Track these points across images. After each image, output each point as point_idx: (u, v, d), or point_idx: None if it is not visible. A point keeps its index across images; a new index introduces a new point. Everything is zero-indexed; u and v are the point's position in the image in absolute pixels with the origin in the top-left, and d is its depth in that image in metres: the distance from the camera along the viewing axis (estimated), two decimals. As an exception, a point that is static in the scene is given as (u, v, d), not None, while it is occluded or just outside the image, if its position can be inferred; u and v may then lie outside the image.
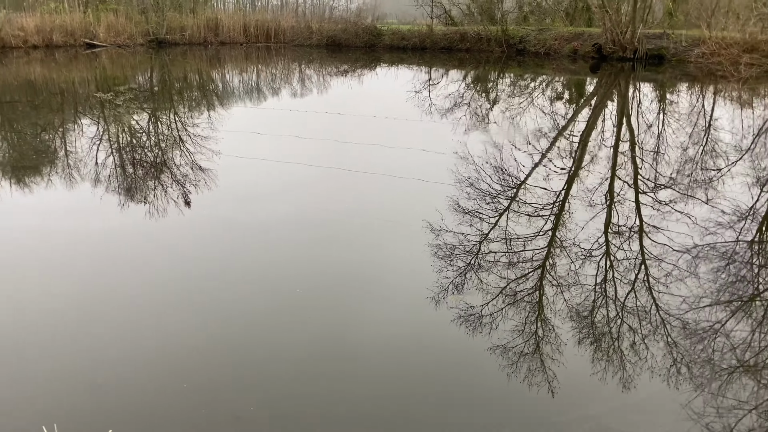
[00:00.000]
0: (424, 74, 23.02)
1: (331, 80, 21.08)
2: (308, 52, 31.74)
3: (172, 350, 4.02)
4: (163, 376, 3.73)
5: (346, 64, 26.28)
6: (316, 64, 26.90)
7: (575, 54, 27.13)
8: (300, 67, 25.70)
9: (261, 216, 6.65)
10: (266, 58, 29.26)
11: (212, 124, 12.06)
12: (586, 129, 11.88)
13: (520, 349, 4.07)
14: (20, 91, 16.39)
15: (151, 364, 3.84)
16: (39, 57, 25.20)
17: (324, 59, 28.57)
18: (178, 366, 3.84)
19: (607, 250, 5.68)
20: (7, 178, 8.11)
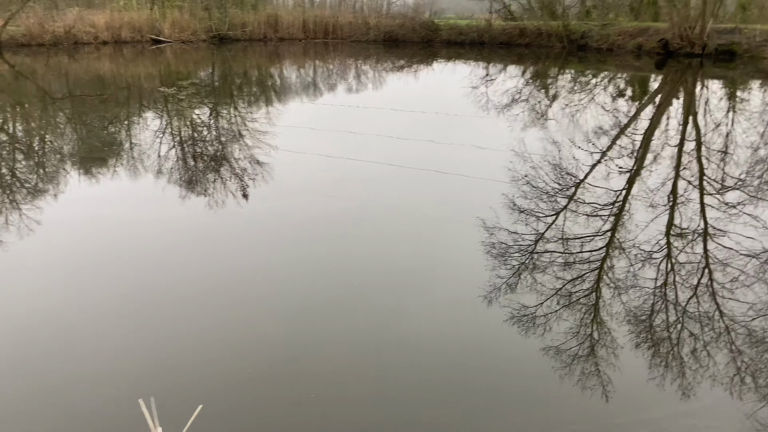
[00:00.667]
0: (482, 70, 22.76)
1: (387, 76, 21.12)
2: (365, 48, 31.90)
3: (234, 338, 4.12)
4: (233, 361, 3.83)
5: (403, 60, 26.27)
6: (372, 59, 27.00)
7: (640, 50, 26.27)
8: (356, 62, 25.85)
9: (316, 210, 6.73)
10: (324, 53, 29.56)
11: (270, 119, 12.30)
12: (649, 127, 11.49)
13: (574, 351, 3.98)
14: (90, 86, 17.12)
15: (218, 349, 3.96)
16: (108, 53, 26.26)
17: (381, 55, 28.65)
18: (243, 352, 3.93)
19: (668, 253, 5.49)
20: (76, 168, 8.49)
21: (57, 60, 23.27)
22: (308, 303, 4.63)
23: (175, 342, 4.07)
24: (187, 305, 4.56)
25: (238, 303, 4.60)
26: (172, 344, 4.04)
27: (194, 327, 4.25)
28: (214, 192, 7.32)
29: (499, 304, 4.56)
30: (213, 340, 4.10)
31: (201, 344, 4.04)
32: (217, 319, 4.36)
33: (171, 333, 4.18)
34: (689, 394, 3.56)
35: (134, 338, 4.10)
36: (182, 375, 3.69)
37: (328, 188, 7.56)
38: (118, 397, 3.45)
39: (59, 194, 7.30)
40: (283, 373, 3.75)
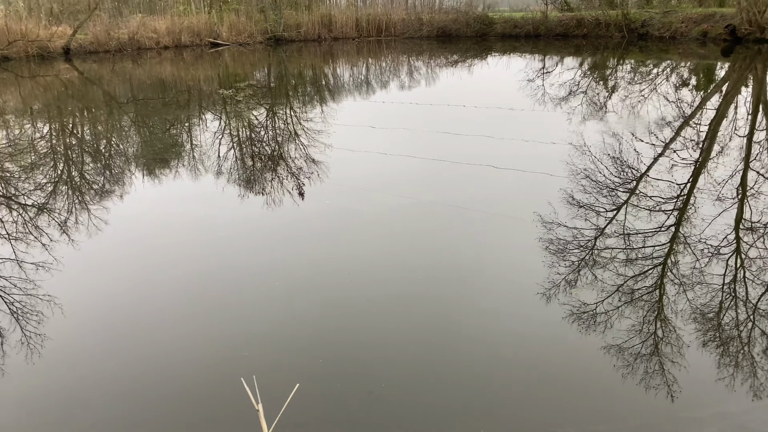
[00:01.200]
0: (538, 62, 22.33)
1: (440, 71, 21.01)
2: (418, 44, 31.82)
3: (303, 328, 4.20)
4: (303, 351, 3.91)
5: (456, 55, 26.07)
6: (425, 55, 26.92)
7: (704, 37, 25.21)
8: (409, 59, 25.82)
9: (373, 207, 6.77)
10: (377, 51, 29.66)
11: (325, 118, 12.44)
12: (715, 117, 11.01)
13: (637, 350, 3.87)
14: (152, 90, 17.75)
15: (288, 340, 4.05)
16: (169, 57, 27.14)
17: (434, 50, 28.52)
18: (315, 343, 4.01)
19: (737, 248, 5.25)
20: (140, 169, 8.83)
21: (122, 65, 24.23)
22: (370, 298, 4.67)
23: (259, 330, 4.17)
24: (262, 296, 4.67)
25: (305, 296, 4.68)
26: (257, 332, 4.14)
27: (268, 317, 4.36)
28: (272, 191, 7.46)
29: (558, 301, 4.48)
30: (286, 330, 4.19)
31: (282, 332, 4.13)
32: (285, 312, 4.45)
33: (251, 323, 4.29)
34: (761, 395, 3.40)
35: (222, 324, 4.23)
36: (277, 358, 3.80)
37: (384, 185, 7.59)
38: (221, 377, 3.67)
39: (125, 194, 7.60)
40: (352, 363, 3.80)
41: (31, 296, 4.83)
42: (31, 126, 12.68)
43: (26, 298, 4.81)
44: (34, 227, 6.42)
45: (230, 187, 7.74)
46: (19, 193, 7.72)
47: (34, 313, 4.57)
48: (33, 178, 8.39)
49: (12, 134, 11.79)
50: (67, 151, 10.36)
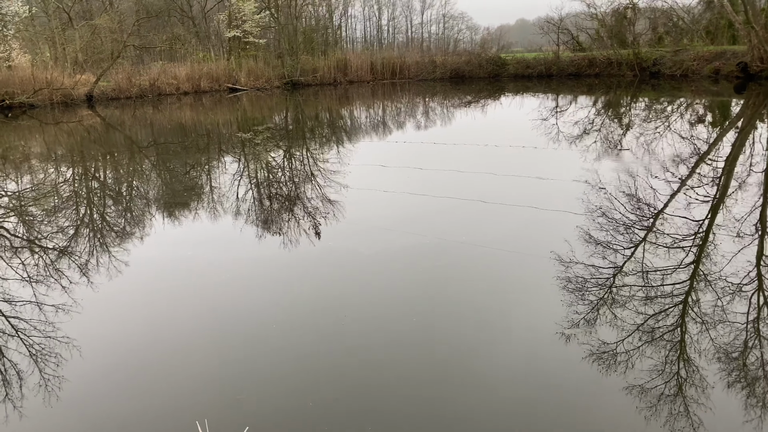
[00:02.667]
0: (551, 101, 22.51)
1: (454, 112, 21.25)
2: (432, 86, 32.30)
3: (301, 368, 4.18)
4: (290, 389, 3.88)
5: (470, 95, 26.38)
6: (439, 96, 27.27)
7: (717, 74, 25.32)
8: (424, 100, 26.16)
9: (388, 246, 6.78)
10: (391, 93, 30.12)
11: (341, 159, 12.59)
12: (731, 153, 10.97)
13: (660, 390, 3.79)
14: (173, 133, 18.13)
15: (281, 378, 4.02)
16: (189, 102, 27.79)
17: (447, 92, 28.90)
18: (304, 382, 3.98)
19: (759, 285, 5.17)
20: (160, 212, 8.96)
21: (143, 111, 24.83)
22: (376, 337, 4.64)
23: (247, 372, 4.16)
24: (265, 338, 4.67)
25: (316, 335, 4.66)
26: (244, 375, 4.13)
27: (272, 359, 4.34)
28: (288, 231, 7.52)
29: (578, 340, 4.42)
30: (291, 372, 4.16)
31: (265, 374, 4.11)
32: (295, 351, 4.43)
33: (245, 365, 4.28)
34: (791, 437, 3.30)
35: (206, 367, 4.23)
36: (234, 401, 3.77)
37: (400, 224, 7.62)
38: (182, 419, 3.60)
39: (145, 236, 7.70)
40: (357, 404, 3.76)
41: (50, 338, 4.87)
42: (55, 170, 12.97)
43: (45, 340, 4.85)
44: (54, 270, 6.50)
45: (248, 227, 7.82)
46: (41, 236, 7.86)
47: (53, 356, 4.59)
48: (55, 222, 8.55)
49: (35, 179, 12.07)
50: (88, 194, 10.56)
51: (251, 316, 5.15)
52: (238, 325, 5.00)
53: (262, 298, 5.54)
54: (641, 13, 30.74)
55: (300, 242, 7.01)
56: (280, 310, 5.26)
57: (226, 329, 4.93)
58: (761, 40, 22.95)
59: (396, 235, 7.19)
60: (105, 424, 3.73)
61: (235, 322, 5.06)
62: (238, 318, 5.13)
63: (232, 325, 4.99)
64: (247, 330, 4.90)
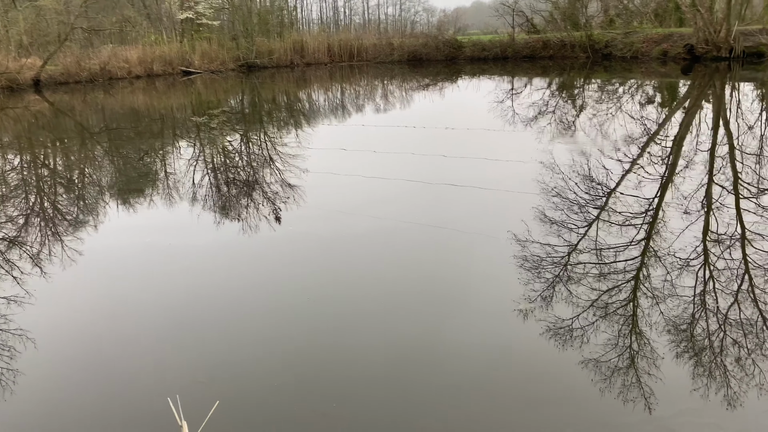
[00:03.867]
0: (507, 84, 22.76)
1: (412, 95, 21.28)
2: (390, 69, 32.22)
3: (266, 349, 4.19)
4: (255, 370, 3.89)
5: (428, 78, 26.44)
6: (398, 79, 27.25)
7: (665, 56, 26.01)
8: (382, 83, 26.10)
9: (348, 229, 6.81)
10: (350, 76, 29.94)
11: (300, 143, 12.50)
12: (679, 133, 11.33)
13: (613, 363, 3.94)
14: (125, 118, 17.66)
15: (246, 359, 4.03)
16: (141, 86, 27.05)
17: (406, 74, 28.89)
18: (269, 363, 3.99)
19: (706, 260, 5.40)
20: (114, 199, 8.76)
21: (93, 96, 24.06)
22: (341, 317, 4.68)
23: (203, 357, 4.14)
24: (219, 323, 4.65)
25: (271, 317, 4.67)
26: (207, 360, 4.12)
27: (225, 344, 4.33)
28: (248, 217, 7.46)
29: (535, 317, 4.55)
30: (243, 351, 4.17)
31: (231, 357, 4.11)
32: (254, 334, 4.43)
33: (207, 349, 4.26)
34: (735, 404, 3.48)
35: (170, 352, 4.19)
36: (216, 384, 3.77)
37: (358, 207, 7.64)
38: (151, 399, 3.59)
39: (99, 225, 7.53)
40: (312, 383, 3.80)
41: (2, 331, 4.74)
42: (1, 158, 12.50)
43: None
44: (4, 261, 6.31)
45: (206, 213, 7.72)
46: (-12, 226, 7.59)
47: (6, 349, 4.48)
48: (3, 211, 8.26)
49: (-20, 167, 11.61)
50: (38, 182, 10.23)
51: (214, 301, 5.12)
52: (202, 309, 4.96)
53: (224, 283, 5.50)
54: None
55: (260, 227, 6.97)
56: (243, 293, 5.24)
57: (190, 314, 4.89)
58: (706, 23, 23.65)
59: (357, 219, 7.21)
60: (61, 415, 3.68)
61: (198, 306, 5.02)
62: (201, 302, 5.09)
63: (196, 310, 4.95)
64: (211, 314, 4.87)
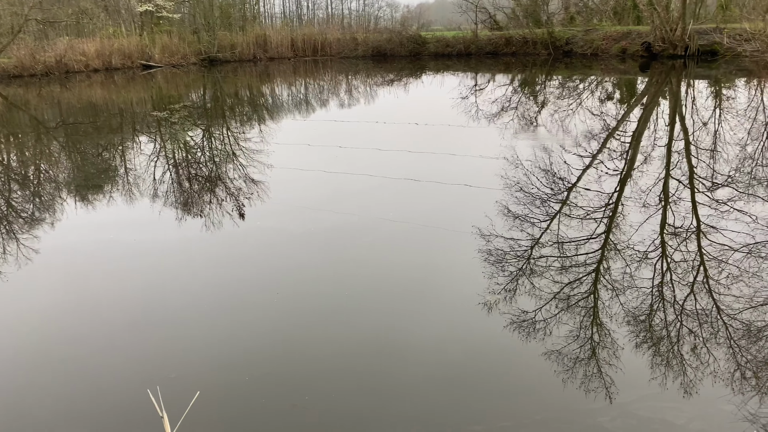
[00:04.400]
0: (470, 80, 22.95)
1: (377, 90, 21.27)
2: (354, 64, 32.13)
3: (237, 345, 4.15)
4: (224, 364, 3.86)
5: (392, 74, 26.46)
6: (362, 74, 27.20)
7: (624, 53, 26.58)
8: (347, 78, 26.02)
9: (312, 225, 6.78)
10: (314, 71, 29.76)
11: (263, 138, 12.38)
12: (637, 129, 11.62)
13: (575, 354, 4.03)
14: (83, 113, 17.19)
15: (217, 354, 3.98)
16: (99, 80, 26.37)
17: (370, 70, 28.85)
18: (238, 361, 3.96)
19: (663, 252, 5.56)
20: (72, 196, 8.53)
21: (49, 89, 23.37)
22: (309, 312, 4.68)
23: (176, 351, 4.09)
24: (189, 319, 4.59)
25: (241, 313, 4.64)
26: (174, 354, 4.06)
27: (197, 339, 4.28)
28: (210, 213, 7.36)
29: (499, 310, 4.61)
30: (214, 346, 4.12)
31: (202, 352, 4.06)
32: (219, 329, 4.39)
33: (173, 344, 4.20)
34: (691, 392, 3.60)
35: (139, 347, 4.12)
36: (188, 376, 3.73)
37: (324, 203, 7.62)
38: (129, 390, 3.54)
39: (56, 222, 7.33)
40: (283, 376, 3.80)
41: (-44, 333, 4.59)
42: (-50, 154, 12.05)
43: (-49, 334, 4.56)
44: (-44, 260, 6.10)
45: (167, 210, 7.59)
46: (-61, 224, 7.32)
47: (-39, 351, 4.34)
48: (-46, 209, 7.98)
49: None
50: (-10, 179, 9.89)
51: (183, 296, 5.04)
52: (172, 304, 4.88)
53: (192, 278, 5.42)
54: (554, -7, 31.74)
55: (223, 223, 6.89)
56: (212, 288, 5.18)
57: (160, 309, 4.80)
58: (663, 21, 24.25)
59: (323, 214, 7.19)
60: (14, 413, 3.58)
61: (168, 301, 4.94)
62: (170, 297, 5.01)
63: (166, 305, 4.87)
64: (181, 309, 4.80)
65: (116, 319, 4.76)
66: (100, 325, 4.68)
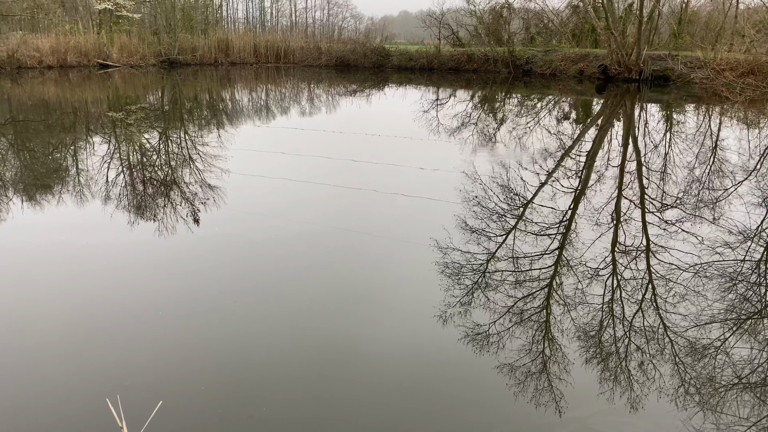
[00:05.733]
0: (432, 94, 23.19)
1: (339, 100, 21.28)
2: (317, 72, 32.08)
3: (192, 354, 4.05)
4: (177, 378, 3.75)
5: (355, 84, 26.53)
6: (325, 84, 27.17)
7: (581, 75, 27.30)
8: (309, 86, 25.95)
9: (269, 233, 6.70)
10: (276, 78, 29.57)
11: (222, 143, 12.21)
12: (592, 149, 11.93)
13: (527, 368, 4.07)
14: (34, 111, 16.64)
15: (165, 368, 3.87)
16: (53, 77, 25.60)
17: (333, 79, 28.86)
18: (192, 370, 3.86)
19: (614, 270, 5.70)
20: (19, 195, 8.22)
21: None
22: (263, 321, 4.60)
23: (132, 360, 3.96)
24: (143, 326, 4.45)
25: (197, 319, 4.53)
26: (131, 362, 3.93)
27: (153, 347, 4.16)
28: (164, 217, 7.20)
29: (453, 323, 4.63)
30: (171, 353, 4.01)
31: (157, 360, 3.95)
32: (174, 337, 4.27)
33: (129, 352, 4.07)
34: (637, 407, 3.68)
35: (94, 355, 3.98)
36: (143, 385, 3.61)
37: (281, 211, 7.55)
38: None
39: (0, 222, 7.04)
40: (238, 387, 3.71)
41: None
42: None
43: None
44: None
45: (119, 213, 7.38)
46: None
47: None
48: None
49: None
50: (-69, 174, 9.45)
51: (137, 302, 4.89)
52: (125, 312, 4.73)
53: (147, 284, 5.27)
54: (516, 13, 32.45)
55: (177, 229, 6.74)
56: (168, 294, 5.04)
57: (113, 316, 4.64)
58: (619, 46, 25.05)
59: (278, 222, 7.11)
60: None
61: (120, 308, 4.78)
62: (123, 304, 4.85)
63: (119, 312, 4.71)
64: (135, 315, 4.65)
65: (68, 324, 4.59)
66: (52, 330, 4.50)
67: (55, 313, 4.78)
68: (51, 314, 4.75)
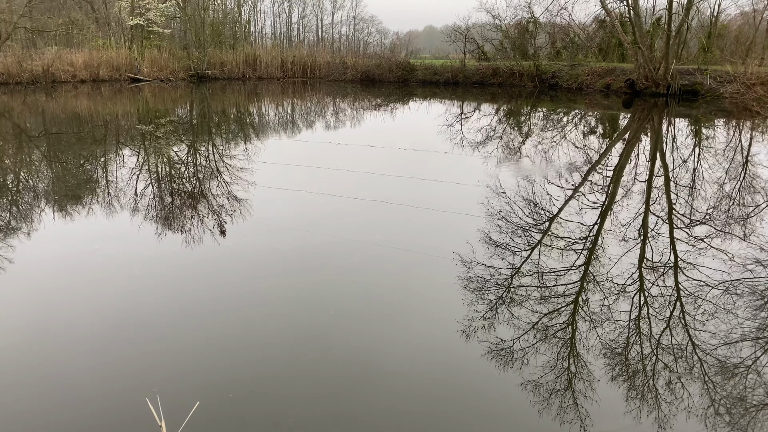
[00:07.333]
0: (456, 108, 23.19)
1: (364, 114, 21.41)
2: (343, 87, 32.34)
3: (219, 363, 4.08)
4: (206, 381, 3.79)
5: (380, 98, 26.67)
6: (350, 98, 27.37)
7: (608, 89, 27.08)
8: (334, 101, 26.17)
9: (294, 246, 6.75)
10: (302, 92, 29.89)
11: (248, 156, 12.36)
12: (619, 163, 11.79)
13: (551, 385, 4.02)
14: (67, 123, 17.06)
15: (201, 370, 3.91)
16: (86, 91, 26.23)
17: (358, 93, 29.06)
18: (222, 378, 3.89)
19: (641, 286, 5.61)
20: (50, 206, 8.41)
21: (34, 98, 23.18)
22: (286, 334, 4.62)
23: (165, 365, 4.01)
24: (173, 334, 4.51)
25: (219, 334, 4.57)
26: (164, 366, 3.98)
27: (186, 352, 4.21)
28: (191, 229, 7.30)
29: (477, 338, 4.60)
30: (201, 362, 4.05)
31: (189, 367, 3.99)
32: (196, 351, 4.32)
33: (157, 359, 4.13)
34: (665, 426, 3.61)
35: (128, 358, 4.04)
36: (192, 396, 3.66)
37: (306, 224, 7.60)
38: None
39: (33, 232, 7.21)
40: (263, 397, 3.74)
41: None
42: (-72, 158, 11.85)
43: None
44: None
45: (147, 224, 7.50)
46: None
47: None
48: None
49: None
50: (-33, 185, 9.73)
51: (149, 312, 4.96)
52: (133, 320, 4.80)
53: (159, 294, 5.34)
54: (542, 27, 32.35)
55: (204, 240, 6.82)
56: (178, 304, 5.10)
57: (145, 323, 4.72)
58: (646, 60, 24.80)
59: (303, 234, 7.16)
60: (37, 402, 3.48)
61: (130, 317, 4.85)
62: (133, 314, 4.92)
63: (127, 321, 4.78)
64: (164, 325, 4.71)
65: (103, 329, 4.67)
66: (88, 335, 4.59)
67: (91, 318, 4.87)
68: (87, 320, 4.84)
